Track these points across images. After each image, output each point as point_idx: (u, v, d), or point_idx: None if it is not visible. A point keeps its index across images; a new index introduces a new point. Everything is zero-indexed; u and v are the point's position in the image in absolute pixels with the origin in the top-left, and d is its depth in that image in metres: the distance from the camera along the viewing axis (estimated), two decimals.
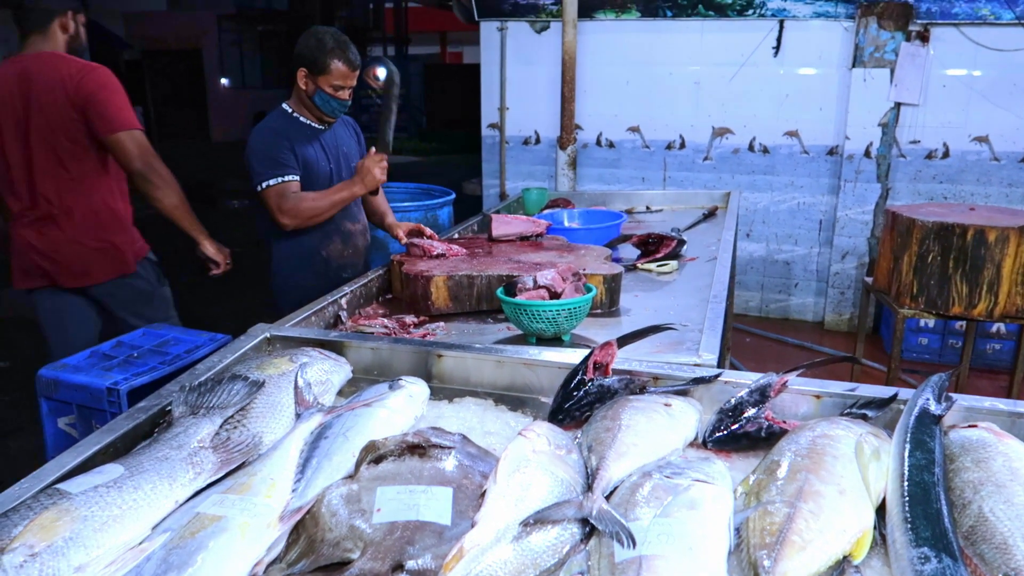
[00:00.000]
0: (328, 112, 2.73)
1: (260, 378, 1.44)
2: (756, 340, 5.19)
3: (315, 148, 2.76)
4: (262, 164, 2.62)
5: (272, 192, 2.61)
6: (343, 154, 2.87)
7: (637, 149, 5.67)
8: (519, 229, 2.84)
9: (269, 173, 2.61)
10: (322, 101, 2.70)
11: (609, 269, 2.32)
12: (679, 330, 1.92)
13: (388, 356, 1.73)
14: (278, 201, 2.60)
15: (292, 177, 2.63)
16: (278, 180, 2.61)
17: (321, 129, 2.81)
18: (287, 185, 2.61)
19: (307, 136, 2.75)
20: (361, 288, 2.43)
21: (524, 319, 1.96)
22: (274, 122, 2.72)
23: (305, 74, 2.68)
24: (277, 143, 2.63)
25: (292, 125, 2.73)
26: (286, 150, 2.64)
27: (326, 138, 2.83)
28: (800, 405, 1.44)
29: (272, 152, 2.62)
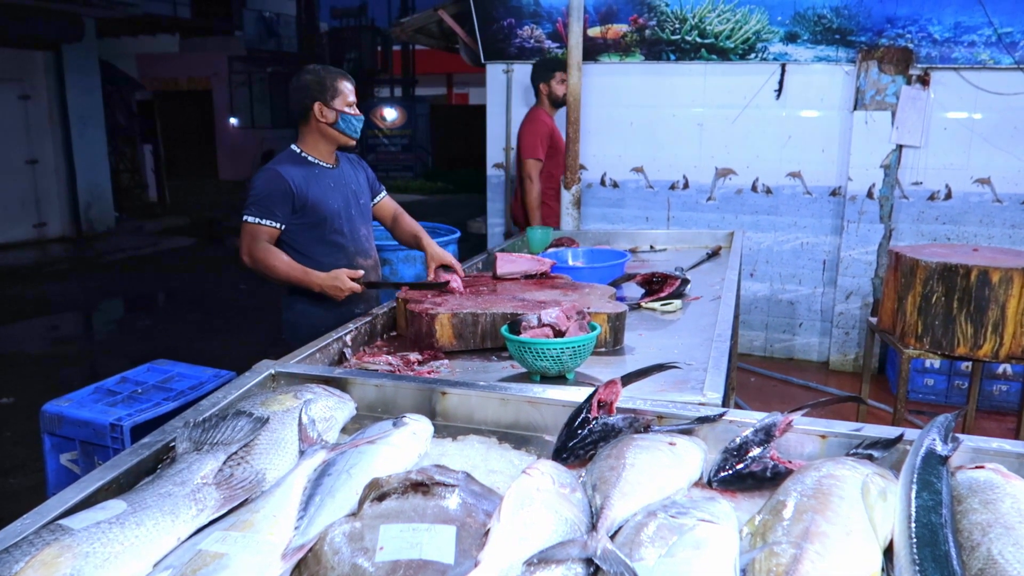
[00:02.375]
0: (352, 132, 2.78)
1: (264, 414, 1.44)
2: (761, 380, 5.16)
3: (324, 186, 2.79)
4: (253, 200, 2.67)
5: (248, 228, 2.66)
6: (352, 192, 2.90)
7: (641, 189, 5.71)
8: (523, 267, 2.85)
9: (255, 210, 2.66)
10: (345, 123, 2.75)
11: (613, 308, 2.32)
12: (683, 369, 1.92)
13: (392, 393, 1.73)
14: (249, 240, 2.66)
15: (272, 224, 2.67)
16: (257, 221, 2.65)
17: (330, 168, 2.85)
18: (263, 229, 2.65)
19: (316, 175, 2.78)
20: (366, 325, 2.43)
21: (528, 357, 1.96)
22: (282, 164, 2.75)
23: (321, 106, 2.73)
24: (277, 188, 2.67)
25: (302, 165, 2.77)
26: (283, 197, 2.67)
27: (335, 176, 2.86)
28: (805, 445, 1.43)
29: (267, 194, 2.66)
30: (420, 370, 2.11)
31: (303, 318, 2.82)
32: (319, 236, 2.76)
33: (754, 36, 5.23)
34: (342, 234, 2.83)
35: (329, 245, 2.78)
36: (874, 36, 4.97)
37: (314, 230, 2.74)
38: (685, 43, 5.39)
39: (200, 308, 7.31)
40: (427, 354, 2.24)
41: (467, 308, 2.32)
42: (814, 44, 5.12)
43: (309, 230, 2.73)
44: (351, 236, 2.87)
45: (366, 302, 2.89)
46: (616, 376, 1.53)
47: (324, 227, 2.78)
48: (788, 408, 1.44)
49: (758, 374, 5.23)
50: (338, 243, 2.81)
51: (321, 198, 2.77)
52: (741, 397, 4.76)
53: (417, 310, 2.31)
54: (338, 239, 2.82)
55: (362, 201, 2.98)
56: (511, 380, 2.02)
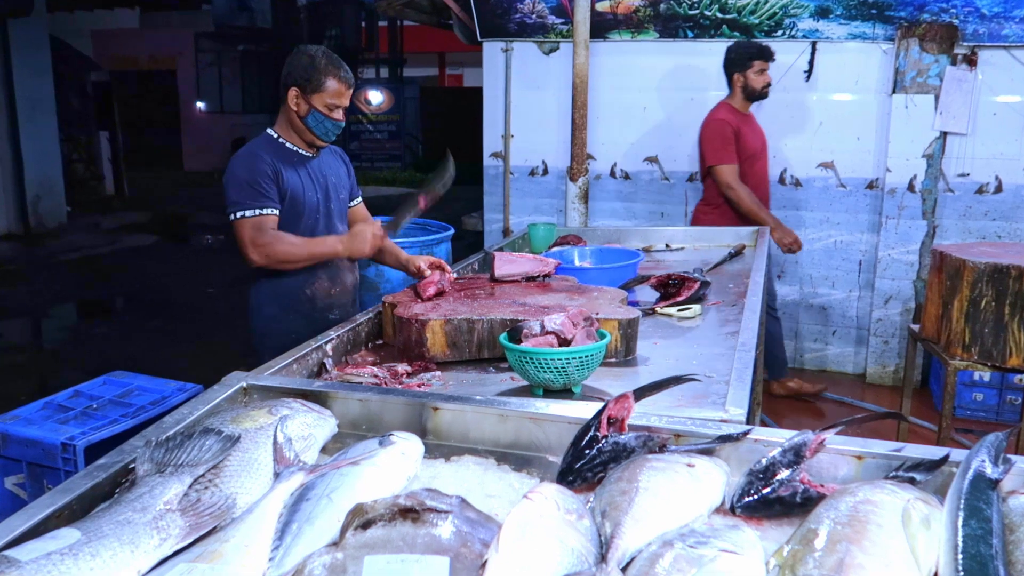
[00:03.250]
0: (322, 134, 2.78)
1: (235, 432, 1.44)
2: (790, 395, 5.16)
3: (302, 176, 2.80)
4: (240, 192, 2.65)
5: (247, 224, 2.63)
6: (331, 184, 2.90)
7: (655, 181, 5.72)
8: (524, 268, 2.85)
9: (247, 203, 2.64)
10: (316, 122, 2.75)
11: (625, 313, 2.32)
12: (703, 382, 1.92)
13: (378, 409, 1.73)
14: (252, 234, 2.63)
15: (272, 210, 2.66)
16: (256, 212, 2.63)
17: (309, 157, 2.85)
18: (265, 219, 2.64)
19: (294, 163, 2.79)
20: (349, 333, 2.44)
21: (530, 368, 1.96)
22: (258, 147, 2.76)
23: (297, 94, 2.73)
24: (260, 171, 2.67)
25: (278, 151, 2.77)
26: (268, 180, 2.67)
27: (314, 166, 2.87)
28: (840, 467, 1.43)
29: (253, 180, 2.65)
30: (409, 383, 2.11)
31: (273, 325, 2.82)
32: (294, 232, 2.76)
33: (781, 11, 5.24)
34: (317, 231, 2.84)
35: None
36: (915, 11, 4.99)
37: (287, 225, 2.74)
38: (704, 19, 5.40)
39: (163, 314, 7.31)
40: (417, 365, 2.24)
41: (462, 314, 2.32)
42: (848, 20, 5.13)
43: (283, 225, 2.73)
44: (329, 232, 2.87)
45: (342, 308, 2.89)
46: (628, 390, 1.53)
47: (299, 223, 2.78)
48: (820, 426, 1.45)
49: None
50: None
51: (298, 189, 2.77)
52: (768, 413, 4.76)
53: (406, 316, 2.31)
54: (317, 235, 2.82)
55: (342, 196, 2.98)
56: (511, 394, 2.02)
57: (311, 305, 2.83)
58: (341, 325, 2.47)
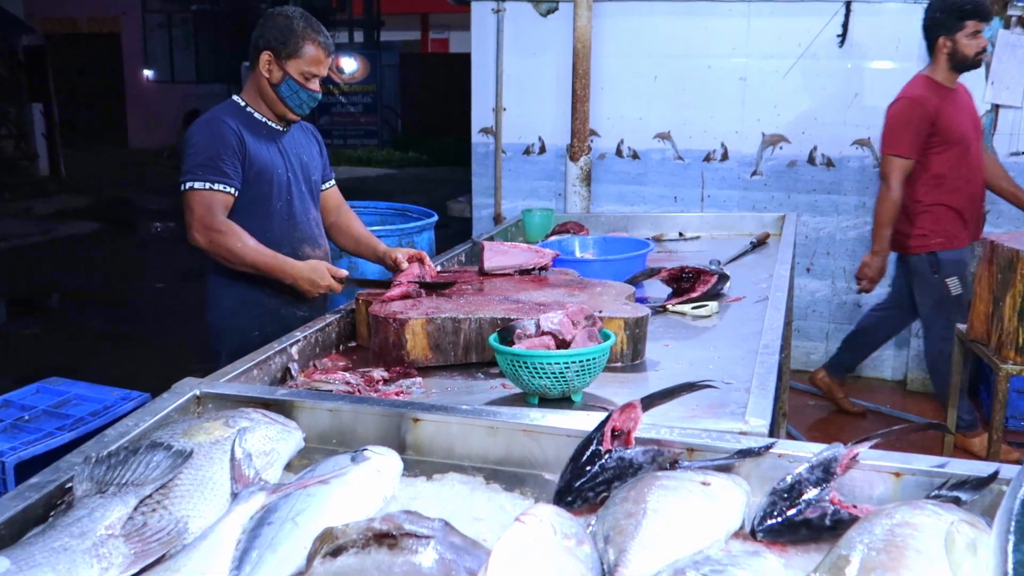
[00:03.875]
0: (295, 106, 2.78)
1: (187, 447, 1.44)
2: (820, 403, 5.18)
3: (272, 151, 2.79)
4: (196, 160, 2.65)
5: (197, 198, 2.63)
6: (303, 163, 2.90)
7: (668, 161, 5.73)
8: (518, 260, 2.85)
9: (201, 174, 2.63)
10: (290, 92, 2.75)
11: (632, 311, 2.33)
12: (720, 389, 1.93)
13: (351, 420, 1.73)
14: (202, 212, 2.62)
15: (227, 188, 2.66)
16: (208, 186, 2.63)
17: (279, 131, 2.85)
18: (216, 196, 2.64)
19: (263, 136, 2.79)
20: (317, 334, 2.43)
21: (524, 374, 1.97)
22: (224, 113, 2.75)
23: (270, 59, 2.73)
24: (223, 140, 2.67)
25: (246, 120, 2.77)
26: (232, 153, 2.67)
27: (285, 141, 2.87)
28: (875, 485, 1.44)
29: (214, 150, 2.65)
30: (386, 390, 2.11)
31: (232, 323, 2.82)
32: (260, 214, 2.76)
33: None
34: (288, 214, 2.84)
35: (270, 227, 2.78)
36: None
37: (254, 206, 2.74)
38: None
39: (105, 312, 7.29)
40: (395, 370, 2.24)
41: (446, 312, 2.32)
42: None
43: (249, 205, 2.74)
44: (299, 218, 2.88)
45: (312, 305, 2.89)
46: (635, 398, 1.53)
47: (267, 203, 2.78)
48: (853, 438, 1.45)
49: (816, 396, 5.24)
50: (282, 225, 2.81)
51: (268, 165, 2.77)
52: (794, 425, 4.78)
53: (382, 314, 2.31)
54: (282, 220, 2.82)
55: (314, 177, 2.98)
56: (501, 403, 2.03)
57: (275, 302, 2.83)
58: (309, 325, 2.47)
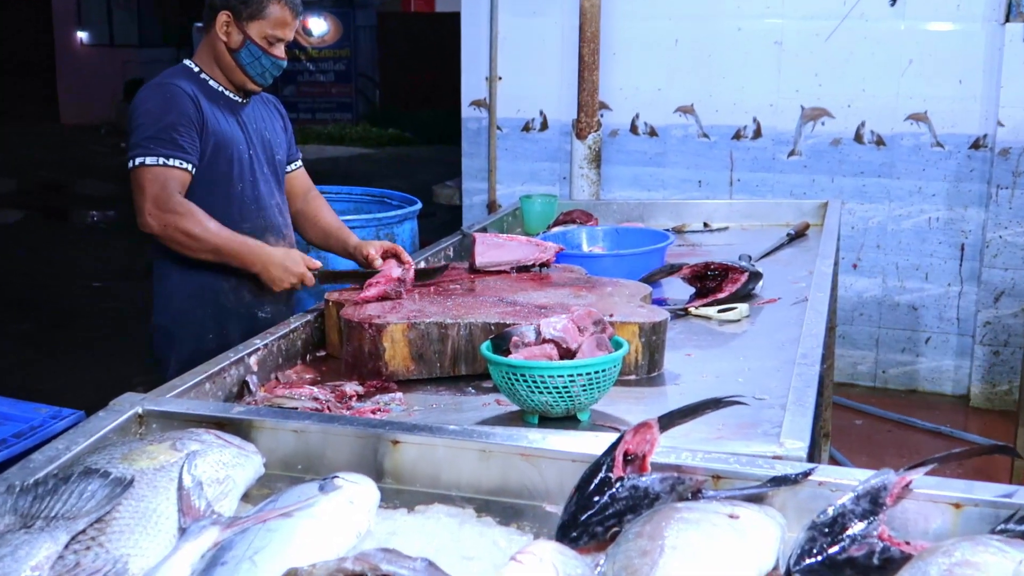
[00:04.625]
0: (256, 75, 2.79)
1: (127, 474, 1.44)
2: (868, 422, 5.18)
3: (231, 124, 2.79)
4: (147, 132, 2.64)
5: (149, 176, 2.62)
6: (265, 141, 2.90)
7: (691, 139, 5.73)
8: (515, 255, 2.85)
9: (153, 148, 2.63)
10: (251, 58, 2.75)
11: (648, 315, 2.33)
12: (751, 406, 1.93)
13: (319, 442, 1.73)
14: (155, 191, 2.61)
15: (183, 164, 2.66)
16: (161, 161, 2.62)
17: (238, 103, 2.85)
18: (171, 173, 2.63)
19: (221, 107, 2.79)
20: (280, 341, 2.43)
21: (522, 388, 1.97)
22: (176, 78, 2.75)
23: (228, 19, 2.73)
24: (179, 107, 2.67)
25: (201, 87, 2.77)
26: (188, 122, 2.67)
27: (246, 115, 2.86)
28: (931, 518, 1.44)
29: (168, 120, 2.65)
30: (361, 407, 2.11)
31: (181, 326, 2.82)
32: (219, 198, 2.75)
33: None
34: (251, 199, 2.83)
35: (230, 213, 2.78)
36: None
37: (213, 188, 2.75)
38: None
39: (32, 315, 7.27)
40: (371, 384, 2.24)
41: (431, 316, 2.32)
42: None
43: (206, 187, 2.73)
44: (263, 203, 2.87)
45: (274, 306, 2.89)
46: (651, 416, 1.53)
47: (227, 185, 2.79)
48: (907, 463, 1.45)
49: (864, 413, 5.24)
50: (245, 212, 2.81)
51: (228, 140, 2.77)
52: (838, 447, 4.78)
53: (356, 319, 2.31)
54: (245, 205, 2.82)
55: (278, 157, 2.98)
56: (495, 423, 2.02)
57: (235, 300, 2.83)
58: (270, 330, 2.47)
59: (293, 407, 2.06)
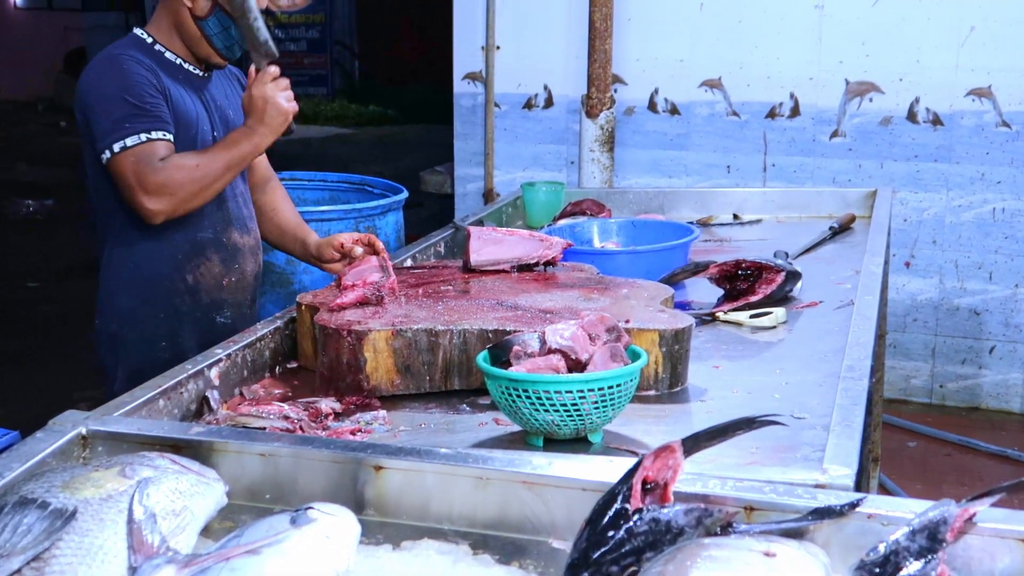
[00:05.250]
0: (224, 47, 2.80)
1: (69, 505, 1.44)
2: (923, 445, 5.18)
3: (192, 100, 2.79)
4: (113, 114, 2.64)
5: (130, 158, 2.62)
6: (228, 121, 2.91)
7: (718, 117, 5.72)
8: (516, 252, 2.85)
9: (127, 127, 2.63)
10: (219, 28, 2.76)
11: (670, 321, 2.33)
12: (789, 426, 1.92)
13: (290, 468, 1.73)
14: (140, 173, 2.61)
15: (166, 135, 2.66)
16: (141, 138, 2.63)
17: (200, 78, 2.85)
18: (154, 146, 2.63)
19: (180, 82, 2.79)
20: (245, 351, 2.43)
21: (524, 406, 1.96)
22: (127, 49, 2.75)
23: None
24: (138, 79, 2.67)
25: (158, 62, 2.77)
26: (154, 90, 2.67)
27: (205, 91, 2.87)
28: (998, 556, 1.44)
29: (135, 91, 2.65)
30: (338, 428, 2.11)
31: (131, 333, 2.83)
32: None
33: None
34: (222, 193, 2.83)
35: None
36: None
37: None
38: None
39: None
40: (351, 401, 2.24)
41: (419, 321, 2.32)
42: None
43: None
44: (223, 192, 2.87)
45: (237, 310, 2.89)
46: (674, 439, 1.53)
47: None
48: (969, 493, 1.45)
49: (918, 435, 5.24)
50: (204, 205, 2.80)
51: (191, 118, 2.78)
52: (889, 474, 4.78)
53: (333, 325, 2.31)
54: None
55: None
56: (493, 445, 2.02)
57: (191, 301, 2.84)
58: (234, 338, 2.46)
59: (260, 427, 2.05)
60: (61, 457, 1.77)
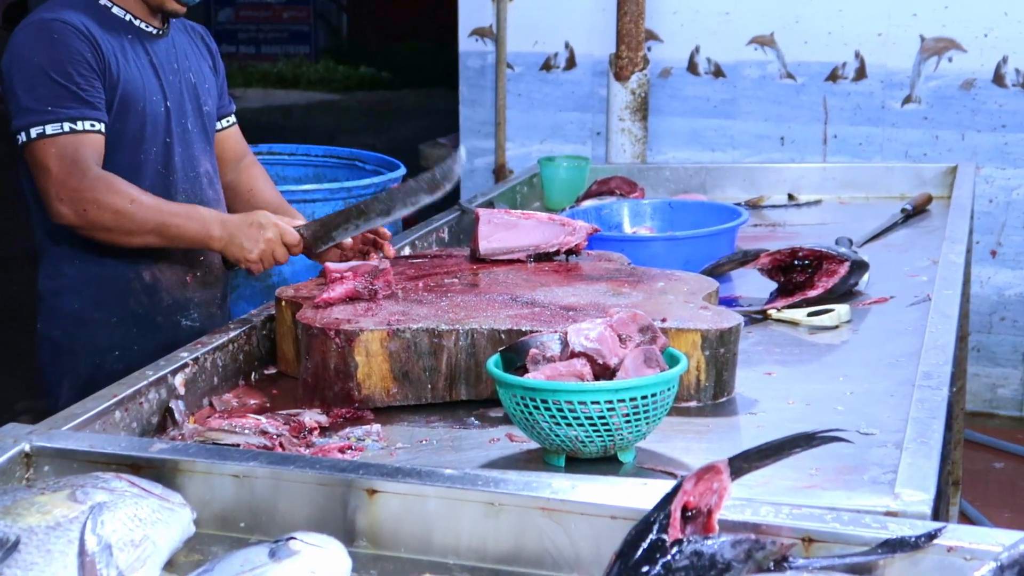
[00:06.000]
0: None
1: (9, 534, 1.44)
2: (1012, 465, 5.17)
3: (141, 66, 2.79)
4: (37, 92, 2.64)
5: (52, 149, 2.62)
6: (187, 84, 2.90)
7: (770, 81, 5.71)
8: (532, 239, 2.85)
9: (52, 109, 2.63)
10: None
11: (714, 320, 2.32)
12: (855, 443, 1.92)
13: (268, 492, 1.73)
14: (62, 173, 2.61)
15: (93, 125, 2.66)
16: (66, 127, 2.63)
17: (153, 35, 2.85)
18: (83, 139, 2.64)
19: (130, 43, 2.79)
20: (216, 355, 2.43)
21: (543, 419, 1.96)
22: (65, 9, 2.75)
23: None
24: (73, 53, 2.66)
25: (102, 19, 2.77)
26: (88, 69, 2.67)
27: (161, 52, 2.86)
28: None
29: (63, 68, 2.65)
30: (325, 444, 2.11)
31: (80, 336, 2.83)
32: (122, 169, 2.75)
33: None
34: (166, 167, 2.84)
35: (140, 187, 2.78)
36: None
37: (113, 156, 2.75)
38: None
39: None
40: (339, 413, 2.24)
41: (420, 320, 2.32)
42: None
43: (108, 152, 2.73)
44: (182, 173, 2.88)
45: (204, 310, 2.89)
46: (719, 458, 1.53)
47: (135, 151, 2.80)
48: None
49: (1005, 454, 5.23)
50: (158, 185, 2.81)
51: (137, 88, 2.77)
52: (971, 499, 4.77)
53: (319, 324, 2.31)
54: (158, 177, 2.82)
55: (207, 108, 2.98)
56: (506, 465, 2.02)
57: (150, 301, 2.85)
58: (203, 340, 2.47)
59: (233, 444, 2.06)
60: (1, 478, 1.77)
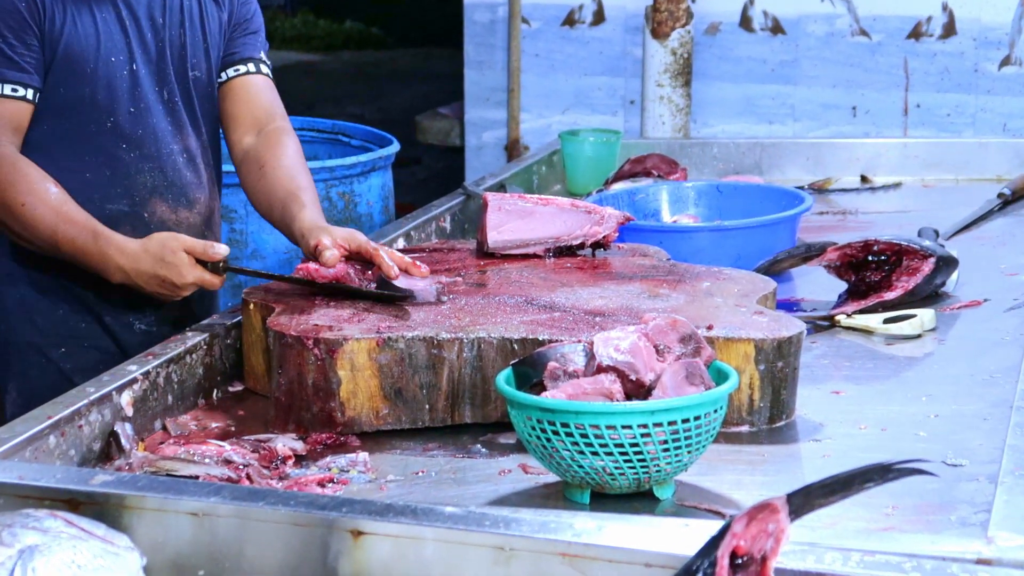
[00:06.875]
0: None
1: None
2: None
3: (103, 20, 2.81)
4: None
5: None
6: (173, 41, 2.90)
7: (838, 38, 5.72)
8: (552, 230, 2.86)
9: None
10: None
11: (770, 328, 2.33)
12: (940, 477, 1.92)
13: (233, 533, 1.74)
14: None
15: (17, 90, 2.70)
16: None
17: None
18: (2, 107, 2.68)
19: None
20: (170, 367, 2.44)
21: (564, 447, 1.97)
22: None
23: None
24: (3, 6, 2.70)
25: None
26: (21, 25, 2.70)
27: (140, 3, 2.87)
28: None
29: None
30: (302, 476, 2.12)
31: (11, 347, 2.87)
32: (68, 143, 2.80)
33: None
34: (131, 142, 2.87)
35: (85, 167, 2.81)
36: None
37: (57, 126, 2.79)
38: None
39: None
40: (319, 438, 2.25)
41: (416, 327, 2.33)
42: None
43: (47, 126, 2.77)
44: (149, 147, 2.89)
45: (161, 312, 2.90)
46: (776, 493, 1.53)
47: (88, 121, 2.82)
48: None
49: None
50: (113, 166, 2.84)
51: (87, 47, 2.79)
52: None
53: (295, 331, 2.32)
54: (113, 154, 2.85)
55: (194, 73, 2.97)
56: (519, 502, 2.03)
57: (97, 300, 2.87)
58: (155, 350, 2.48)
59: (191, 475, 2.07)
60: None
